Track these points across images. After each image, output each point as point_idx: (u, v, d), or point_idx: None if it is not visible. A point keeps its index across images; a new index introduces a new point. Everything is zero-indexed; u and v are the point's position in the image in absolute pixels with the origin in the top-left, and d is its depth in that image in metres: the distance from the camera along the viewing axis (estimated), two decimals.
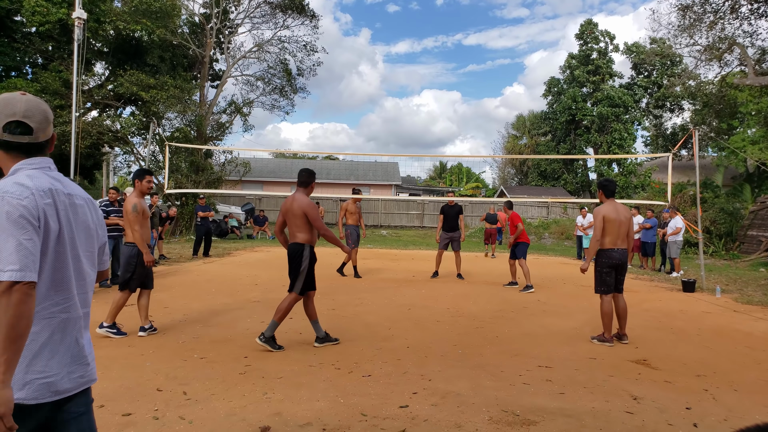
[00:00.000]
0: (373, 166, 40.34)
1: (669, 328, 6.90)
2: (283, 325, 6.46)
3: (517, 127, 50.57)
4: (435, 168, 53.99)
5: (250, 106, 25.49)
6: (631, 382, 4.57)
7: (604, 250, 6.07)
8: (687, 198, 20.40)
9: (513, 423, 3.59)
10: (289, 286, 5.53)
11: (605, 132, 36.61)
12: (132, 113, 20.91)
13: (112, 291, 8.29)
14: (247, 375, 4.47)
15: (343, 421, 3.56)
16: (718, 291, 9.84)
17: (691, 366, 5.15)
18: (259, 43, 25.42)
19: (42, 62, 20.01)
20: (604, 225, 6.04)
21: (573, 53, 38.98)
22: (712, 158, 26.73)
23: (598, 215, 6.13)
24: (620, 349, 5.74)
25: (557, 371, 4.83)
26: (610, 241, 6.05)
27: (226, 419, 3.53)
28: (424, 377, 4.54)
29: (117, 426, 3.37)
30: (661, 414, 3.84)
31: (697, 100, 26.78)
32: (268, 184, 37.15)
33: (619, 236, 6.06)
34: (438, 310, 7.76)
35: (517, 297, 9.12)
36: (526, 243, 10.21)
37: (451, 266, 11.66)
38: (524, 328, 6.72)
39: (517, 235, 9.99)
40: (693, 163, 11.69)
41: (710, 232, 18.65)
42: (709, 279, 11.62)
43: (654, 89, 37.88)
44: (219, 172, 23.80)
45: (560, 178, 39.99)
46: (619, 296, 6.26)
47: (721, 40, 22.49)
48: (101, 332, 5.71)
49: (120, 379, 4.25)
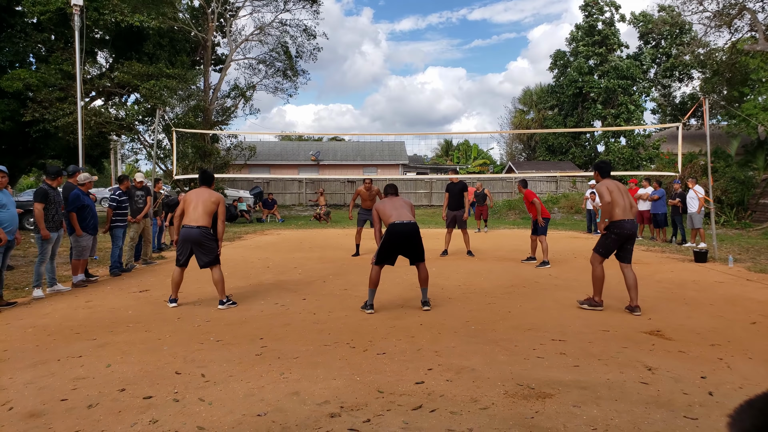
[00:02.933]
0: (379, 146, 40.13)
1: (682, 299, 6.89)
2: (295, 306, 6.53)
3: (524, 101, 50.09)
4: (441, 146, 53.72)
5: (253, 89, 25.39)
6: (645, 353, 4.58)
7: (616, 222, 6.12)
8: (698, 168, 20.19)
9: (528, 396, 3.62)
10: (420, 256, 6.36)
11: (612, 105, 36.16)
12: (136, 101, 20.90)
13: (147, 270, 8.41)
14: (263, 356, 4.53)
15: (360, 398, 3.60)
16: (731, 260, 9.79)
17: (705, 335, 5.15)
18: (260, 26, 25.21)
19: (45, 53, 19.97)
20: (612, 196, 6.13)
21: (579, 24, 38.32)
22: (722, 127, 26.38)
23: (602, 187, 6.21)
24: (633, 321, 5.75)
25: (571, 344, 4.85)
26: (620, 212, 6.12)
27: (245, 399, 3.58)
28: (438, 353, 4.58)
29: (138, 408, 3.44)
30: (676, 383, 3.85)
31: (706, 69, 26.32)
32: (275, 167, 37.14)
33: (625, 207, 6.15)
34: (449, 287, 7.79)
35: (529, 272, 9.12)
36: (547, 218, 10.00)
37: (461, 244, 11.66)
38: (536, 302, 6.74)
39: (539, 211, 9.75)
40: (703, 132, 11.54)
41: (721, 201, 18.49)
42: (721, 249, 11.55)
43: (663, 59, 37.27)
44: (226, 156, 23.81)
45: (568, 152, 39.64)
46: (628, 267, 6.28)
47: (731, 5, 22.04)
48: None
49: (139, 364, 4.32)
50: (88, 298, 7.09)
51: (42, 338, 5.15)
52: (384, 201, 6.58)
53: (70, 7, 14.90)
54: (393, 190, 6.79)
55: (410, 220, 6.28)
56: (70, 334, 5.28)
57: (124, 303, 6.79)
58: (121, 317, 6.01)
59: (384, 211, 6.40)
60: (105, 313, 6.22)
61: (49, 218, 7.38)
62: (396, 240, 6.22)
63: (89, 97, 20.48)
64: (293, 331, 5.35)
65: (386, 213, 6.36)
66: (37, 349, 4.79)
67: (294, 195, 30.34)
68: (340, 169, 36.78)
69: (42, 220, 7.21)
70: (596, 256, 6.31)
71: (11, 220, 6.59)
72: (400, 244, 6.26)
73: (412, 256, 6.36)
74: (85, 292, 7.59)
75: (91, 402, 3.55)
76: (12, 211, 6.62)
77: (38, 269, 7.28)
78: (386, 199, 6.61)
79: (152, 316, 6.07)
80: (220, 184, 21.02)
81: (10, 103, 18.49)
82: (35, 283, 7.23)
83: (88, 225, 8.16)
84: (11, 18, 19.31)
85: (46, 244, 7.32)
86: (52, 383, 3.91)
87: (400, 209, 6.36)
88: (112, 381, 3.93)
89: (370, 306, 6.24)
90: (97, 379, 3.99)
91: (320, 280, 8.48)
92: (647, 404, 3.48)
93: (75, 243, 8.10)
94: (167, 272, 9.28)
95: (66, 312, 6.29)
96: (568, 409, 3.41)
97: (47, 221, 7.33)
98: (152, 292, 7.56)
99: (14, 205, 6.75)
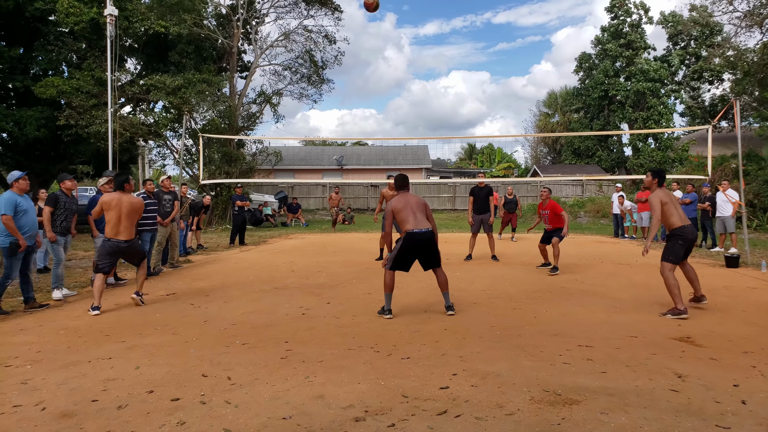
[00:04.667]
0: (402, 150, 40.18)
1: (713, 305, 6.72)
2: (320, 310, 6.56)
3: (548, 104, 49.63)
4: (465, 150, 53.51)
5: (279, 95, 25.67)
6: (675, 360, 4.48)
7: (678, 229, 6.26)
8: (729, 171, 19.72)
9: (555, 402, 3.57)
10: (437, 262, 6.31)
11: (641, 108, 35.57)
12: (164, 107, 21.31)
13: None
14: (288, 359, 4.56)
15: (385, 402, 3.60)
16: (764, 266, 9.53)
17: (738, 342, 5.02)
18: (285, 32, 25.49)
19: (77, 61, 20.51)
20: (664, 209, 6.31)
21: (604, 26, 37.83)
22: (755, 129, 25.73)
23: (656, 200, 6.33)
24: (662, 327, 5.63)
25: (598, 350, 4.78)
26: (678, 220, 6.30)
27: (271, 402, 3.61)
28: (463, 359, 4.55)
29: (166, 410, 3.49)
30: (707, 391, 3.76)
31: (737, 70, 25.73)
32: (300, 171, 37.45)
33: (680, 215, 6.36)
34: (474, 291, 7.74)
35: (554, 277, 9.01)
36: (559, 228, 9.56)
37: (485, 248, 11.56)
38: (562, 307, 6.65)
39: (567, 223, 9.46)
40: (734, 135, 11.27)
41: (754, 205, 18.03)
42: (754, 254, 11.26)
43: (692, 60, 36.56)
44: (251, 161, 24.09)
45: (594, 155, 39.13)
46: (686, 263, 6.48)
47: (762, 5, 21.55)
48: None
49: (167, 366, 4.39)
50: (117, 302, 7.23)
51: (73, 340, 5.27)
52: (399, 200, 6.28)
53: (103, 17, 15.28)
54: (404, 182, 6.52)
55: (428, 228, 6.13)
56: (100, 336, 5.40)
57: (152, 306, 6.91)
58: (148, 320, 6.11)
59: (400, 213, 6.20)
60: (133, 316, 6.33)
61: (57, 223, 7.65)
62: (413, 248, 6.13)
63: (119, 103, 20.95)
64: (318, 335, 5.38)
65: (402, 217, 6.17)
66: (69, 350, 4.90)
67: (318, 199, 30.54)
68: (364, 174, 36.89)
69: (49, 222, 7.53)
70: (666, 265, 6.25)
71: (31, 225, 6.83)
72: (417, 252, 6.18)
73: (429, 262, 6.29)
74: (114, 295, 7.75)
75: (120, 403, 3.62)
76: (32, 216, 6.88)
77: (56, 271, 7.56)
78: (401, 198, 6.31)
79: (179, 319, 6.16)
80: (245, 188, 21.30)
81: (44, 110, 19.05)
82: (54, 285, 7.52)
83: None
84: (45, 27, 19.89)
85: (57, 247, 7.59)
86: (83, 384, 3.99)
87: (417, 214, 6.17)
88: (140, 383, 4.00)
89: (389, 311, 6.16)
90: (126, 380, 4.06)
91: (344, 283, 8.51)
92: (677, 412, 3.40)
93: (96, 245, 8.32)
94: (194, 276, 9.43)
95: (96, 314, 6.43)
96: (595, 416, 3.35)
97: (55, 226, 7.61)
98: (179, 295, 7.67)
99: (34, 210, 7.01)
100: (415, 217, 6.15)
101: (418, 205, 6.25)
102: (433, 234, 6.18)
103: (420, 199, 6.38)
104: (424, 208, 6.30)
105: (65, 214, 7.76)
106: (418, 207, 6.24)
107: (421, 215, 6.20)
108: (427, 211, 6.33)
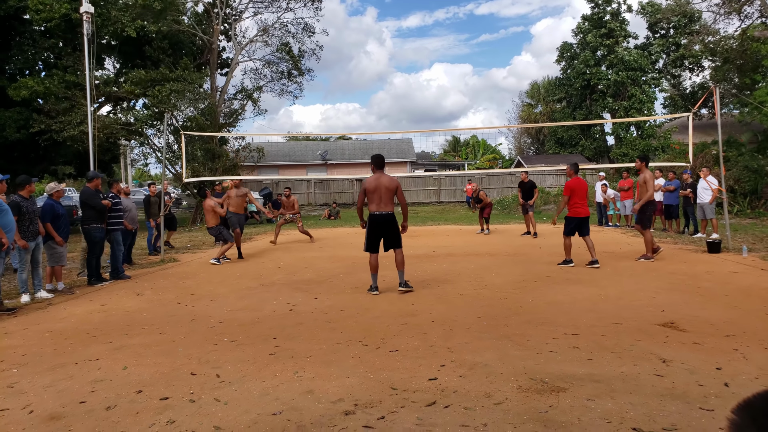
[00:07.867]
0: (387, 143, 40.12)
1: (695, 290, 6.84)
2: (307, 305, 6.56)
3: (531, 95, 49.86)
4: (449, 142, 53.64)
5: (260, 90, 25.45)
6: (659, 346, 4.56)
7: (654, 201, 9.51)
8: (709, 158, 19.98)
9: (542, 390, 3.62)
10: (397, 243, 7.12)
11: (622, 97, 35.86)
12: (144, 105, 21.01)
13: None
14: (277, 355, 4.56)
15: (374, 395, 3.62)
16: (745, 250, 9.69)
17: (720, 327, 5.12)
18: (263, 27, 25.25)
19: (53, 59, 20.12)
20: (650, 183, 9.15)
21: (586, 15, 38.01)
22: (734, 115, 26.08)
23: (650, 178, 9.17)
24: (647, 314, 5.72)
25: (584, 338, 4.84)
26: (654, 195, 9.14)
27: (260, 399, 3.61)
28: (450, 350, 4.58)
29: (155, 410, 3.48)
30: (691, 375, 3.83)
31: (717, 57, 26.02)
32: (284, 167, 37.27)
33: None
34: (460, 283, 7.79)
35: (540, 267, 9.09)
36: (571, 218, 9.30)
37: (475, 242, 11.64)
38: (548, 297, 6.72)
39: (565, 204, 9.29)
40: (714, 122, 11.42)
41: (734, 190, 18.28)
42: (735, 238, 11.43)
43: (672, 48, 36.90)
44: (234, 158, 23.89)
45: (578, 145, 39.42)
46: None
47: None
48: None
49: (155, 365, 4.37)
50: (102, 302, 7.17)
51: (59, 342, 5.22)
52: (371, 181, 6.97)
53: (76, 14, 14.97)
54: (380, 162, 7.14)
55: (388, 211, 6.98)
56: (87, 338, 5.35)
57: (138, 306, 6.86)
58: (135, 320, 6.07)
59: (370, 195, 6.96)
60: (120, 317, 6.28)
61: (24, 228, 7.43)
62: (376, 228, 7.01)
63: (98, 103, 20.62)
64: (306, 331, 5.38)
65: (370, 199, 6.98)
66: (55, 352, 4.86)
67: (303, 195, 30.42)
68: (349, 168, 36.81)
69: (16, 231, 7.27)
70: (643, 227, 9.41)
71: (9, 225, 6.82)
72: (380, 231, 7.03)
73: (388, 243, 7.09)
74: (100, 295, 7.68)
75: (109, 404, 3.59)
76: (9, 217, 6.86)
77: (21, 276, 7.50)
78: (374, 179, 6.97)
79: (166, 318, 6.12)
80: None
81: (22, 111, 18.67)
82: (21, 289, 7.47)
83: (63, 233, 8.25)
84: (21, 26, 19.49)
85: (24, 254, 7.45)
86: (70, 386, 3.96)
87: (383, 198, 6.92)
88: (129, 383, 3.98)
89: (375, 288, 7.11)
90: (114, 381, 4.04)
91: (331, 278, 8.51)
92: (662, 396, 3.47)
93: (50, 251, 8.17)
94: (180, 275, 9.37)
95: (82, 316, 6.37)
96: (582, 402, 3.40)
97: (23, 232, 7.40)
98: (165, 294, 7.62)
99: (10, 212, 6.95)
100: (381, 200, 6.94)
101: (387, 189, 6.93)
102: (392, 216, 7.05)
103: (392, 181, 7.01)
104: (392, 192, 6.98)
105: (30, 218, 7.57)
106: (387, 191, 6.93)
107: (387, 199, 6.95)
108: (398, 193, 7.04)
